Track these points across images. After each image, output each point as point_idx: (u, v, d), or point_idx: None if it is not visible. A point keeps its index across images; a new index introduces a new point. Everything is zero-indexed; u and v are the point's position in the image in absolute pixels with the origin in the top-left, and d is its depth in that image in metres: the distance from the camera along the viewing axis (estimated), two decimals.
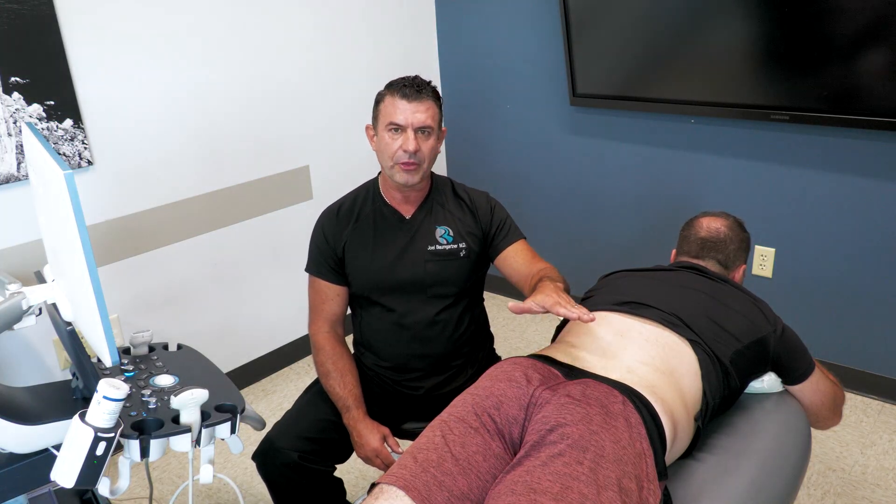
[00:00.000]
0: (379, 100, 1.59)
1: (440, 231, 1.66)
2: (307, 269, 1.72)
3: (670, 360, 1.34)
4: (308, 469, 1.56)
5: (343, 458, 1.66)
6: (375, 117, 1.61)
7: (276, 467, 1.57)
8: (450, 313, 1.66)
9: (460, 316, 1.67)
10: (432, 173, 1.71)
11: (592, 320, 1.25)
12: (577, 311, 1.26)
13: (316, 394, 1.70)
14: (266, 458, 1.59)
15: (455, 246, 1.65)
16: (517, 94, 3.07)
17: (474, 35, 3.12)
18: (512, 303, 1.28)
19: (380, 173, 1.72)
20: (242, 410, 1.22)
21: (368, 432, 1.56)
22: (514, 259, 1.67)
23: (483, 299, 1.80)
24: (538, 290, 1.39)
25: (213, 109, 2.45)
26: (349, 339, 1.76)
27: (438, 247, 1.64)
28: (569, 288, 1.53)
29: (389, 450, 1.56)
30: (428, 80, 1.60)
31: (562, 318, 1.60)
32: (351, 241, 1.66)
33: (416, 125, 1.54)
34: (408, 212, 1.67)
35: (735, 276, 1.69)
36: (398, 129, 1.55)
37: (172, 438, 1.12)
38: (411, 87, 1.55)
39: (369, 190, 1.72)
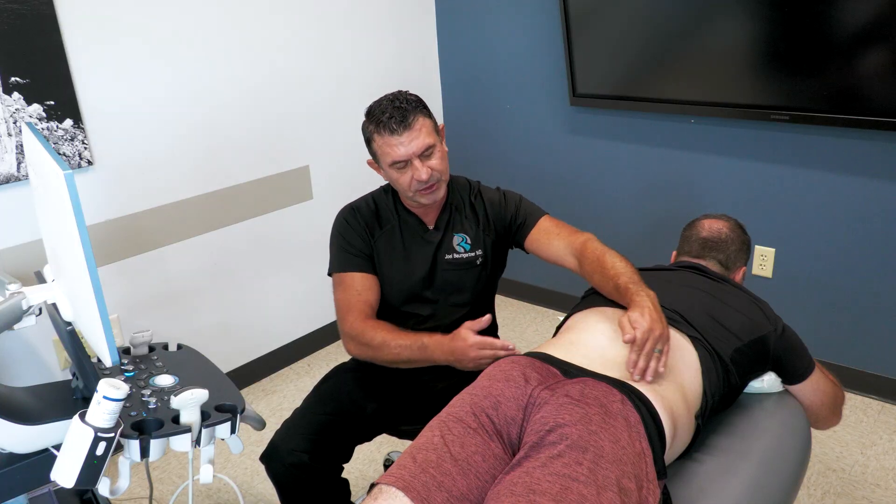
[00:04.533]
0: (369, 137, 1.54)
1: (457, 239, 1.65)
2: (332, 271, 1.66)
3: (671, 355, 1.34)
4: (317, 470, 1.56)
5: (347, 458, 1.65)
6: (374, 154, 1.56)
7: (286, 468, 1.55)
8: (465, 319, 1.65)
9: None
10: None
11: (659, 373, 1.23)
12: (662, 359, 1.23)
13: (323, 393, 1.69)
14: (275, 459, 1.57)
15: (472, 254, 1.65)
16: (517, 94, 3.07)
17: (474, 35, 3.12)
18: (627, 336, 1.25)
19: None
20: (242, 410, 1.22)
21: (453, 341, 1.44)
22: (547, 237, 1.58)
23: (494, 302, 1.80)
24: (630, 306, 1.32)
25: (213, 109, 2.45)
26: None
27: (455, 255, 1.64)
28: (623, 258, 1.46)
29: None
30: (404, 91, 1.54)
31: (563, 316, 1.60)
32: (379, 247, 1.64)
33: (418, 152, 1.50)
34: (430, 221, 1.66)
35: (735, 278, 1.69)
36: (403, 163, 1.52)
37: (172, 438, 1.12)
38: (394, 119, 1.47)
39: (389, 195, 1.69)
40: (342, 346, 1.64)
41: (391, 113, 1.48)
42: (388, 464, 2.25)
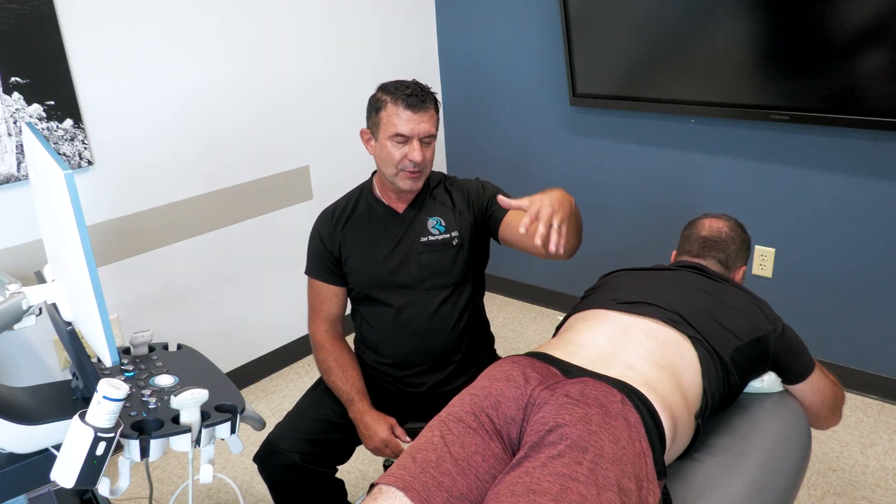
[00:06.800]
0: (379, 107, 1.57)
1: (432, 222, 1.67)
2: (306, 272, 1.73)
3: (670, 355, 1.34)
4: (310, 471, 1.56)
5: (344, 459, 1.66)
6: (375, 124, 1.59)
7: (278, 469, 1.57)
8: (448, 307, 1.66)
9: (459, 310, 1.67)
10: None
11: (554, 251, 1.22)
12: (543, 227, 1.21)
13: (317, 394, 1.70)
14: (268, 459, 1.58)
15: (447, 235, 1.66)
16: (517, 94, 3.07)
17: (474, 35, 3.12)
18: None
19: (374, 173, 1.73)
20: (242, 410, 1.22)
21: (375, 423, 1.57)
22: (516, 221, 1.60)
23: (483, 294, 1.80)
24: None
25: (213, 110, 2.45)
26: (350, 339, 1.76)
27: (431, 237, 1.65)
28: (580, 222, 1.48)
29: (398, 440, 1.57)
30: (425, 84, 1.59)
31: (563, 316, 1.60)
32: (346, 241, 1.68)
33: (422, 135, 1.55)
34: (401, 208, 1.68)
35: (735, 277, 1.69)
36: (404, 139, 1.54)
37: (172, 438, 1.12)
38: (416, 97, 1.53)
39: (363, 190, 1.73)
40: None
41: (413, 90, 1.54)
42: (387, 464, 2.25)
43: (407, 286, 1.65)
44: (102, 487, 1.07)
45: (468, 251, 1.67)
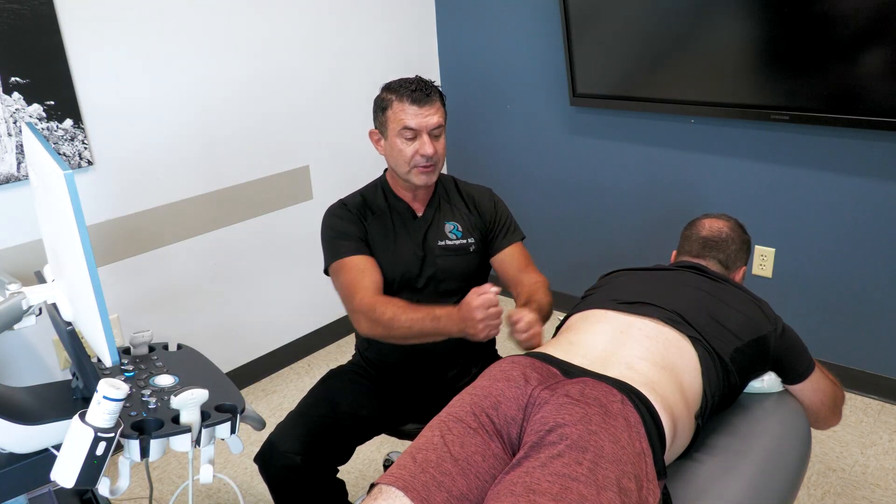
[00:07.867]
0: (385, 106, 1.59)
1: (449, 227, 1.68)
2: (329, 263, 1.65)
3: (670, 355, 1.34)
4: (311, 471, 1.56)
5: (345, 459, 1.65)
6: (383, 123, 1.60)
7: (279, 469, 1.56)
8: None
9: None
10: None
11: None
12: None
13: (318, 395, 1.70)
14: (269, 460, 1.58)
15: (465, 241, 1.68)
16: (517, 94, 3.07)
17: (474, 35, 3.12)
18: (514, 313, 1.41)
19: (386, 171, 1.73)
20: (242, 410, 1.22)
21: (463, 310, 1.40)
22: (510, 261, 1.69)
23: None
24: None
25: (213, 109, 2.45)
26: (350, 337, 1.76)
27: (448, 242, 1.67)
28: (550, 314, 1.59)
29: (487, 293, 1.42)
30: (429, 78, 1.60)
31: (563, 316, 1.61)
32: (372, 231, 1.67)
33: (431, 128, 1.57)
34: (419, 209, 1.70)
35: (735, 278, 1.69)
36: (413, 133, 1.56)
37: (172, 438, 1.12)
38: (421, 91, 1.56)
39: (378, 186, 1.73)
40: (342, 347, 1.65)
41: (417, 86, 1.57)
42: (387, 464, 2.25)
43: (423, 287, 1.66)
44: (102, 487, 1.07)
45: (480, 257, 1.70)
